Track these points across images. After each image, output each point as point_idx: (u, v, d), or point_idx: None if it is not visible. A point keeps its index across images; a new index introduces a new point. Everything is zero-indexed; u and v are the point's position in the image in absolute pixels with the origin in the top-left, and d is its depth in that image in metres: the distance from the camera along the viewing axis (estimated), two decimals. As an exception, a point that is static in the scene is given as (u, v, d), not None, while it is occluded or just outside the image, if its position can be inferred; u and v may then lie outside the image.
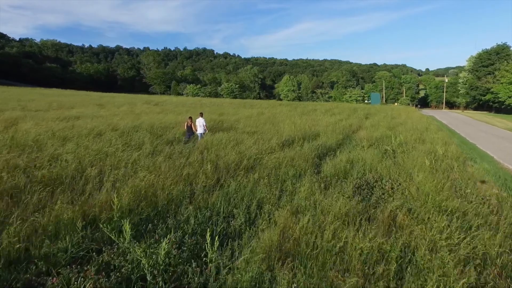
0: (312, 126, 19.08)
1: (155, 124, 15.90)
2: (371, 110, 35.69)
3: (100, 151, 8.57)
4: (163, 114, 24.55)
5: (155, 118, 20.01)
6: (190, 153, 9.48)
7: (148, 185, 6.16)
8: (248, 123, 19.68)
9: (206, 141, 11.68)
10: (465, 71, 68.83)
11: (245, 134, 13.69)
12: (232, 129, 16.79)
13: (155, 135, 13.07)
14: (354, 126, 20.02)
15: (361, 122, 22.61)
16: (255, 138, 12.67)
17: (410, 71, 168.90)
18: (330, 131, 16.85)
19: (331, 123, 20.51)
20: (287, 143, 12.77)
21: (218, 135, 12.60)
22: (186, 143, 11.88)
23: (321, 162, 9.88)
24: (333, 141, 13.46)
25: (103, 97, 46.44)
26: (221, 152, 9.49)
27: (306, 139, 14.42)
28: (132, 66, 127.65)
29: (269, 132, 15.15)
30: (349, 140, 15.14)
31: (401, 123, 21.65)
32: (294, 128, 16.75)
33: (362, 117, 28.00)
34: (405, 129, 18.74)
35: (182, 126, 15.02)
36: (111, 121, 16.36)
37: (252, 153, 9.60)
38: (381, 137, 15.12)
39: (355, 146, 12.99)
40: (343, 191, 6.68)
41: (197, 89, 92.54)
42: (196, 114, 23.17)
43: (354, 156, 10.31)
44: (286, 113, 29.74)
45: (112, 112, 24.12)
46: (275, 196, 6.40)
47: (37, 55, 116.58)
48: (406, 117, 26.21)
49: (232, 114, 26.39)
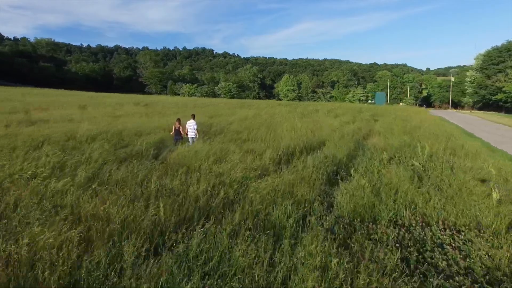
0: (315, 130, 16.37)
1: (127, 130, 13.20)
2: (377, 111, 32.95)
3: (12, 175, 5.88)
4: (147, 116, 21.86)
5: (135, 122, 17.33)
6: (149, 176, 6.77)
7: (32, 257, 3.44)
8: (241, 126, 16.99)
9: (180, 154, 8.98)
10: (472, 69, 65.96)
11: (233, 143, 10.98)
12: (221, 134, 14.11)
13: (119, 145, 10.37)
14: (363, 131, 17.29)
15: (370, 125, 19.88)
16: (245, 150, 9.97)
17: (410, 71, 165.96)
18: (337, 138, 14.14)
19: (336, 127, 17.79)
20: (285, 155, 10.07)
21: (199, 146, 9.89)
22: (175, 144, 11.06)
23: (332, 187, 7.16)
24: (343, 152, 10.74)
25: (92, 97, 43.74)
26: (193, 176, 6.77)
27: (309, 149, 11.72)
28: (129, 66, 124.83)
29: (264, 139, 12.44)
30: (362, 149, 12.43)
31: (416, 126, 18.92)
32: (294, 134, 14.03)
33: (369, 118, 25.29)
34: (424, 134, 16.02)
35: (170, 130, 12.76)
36: (76, 127, 13.65)
37: (236, 176, 6.89)
38: (400, 146, 12.40)
39: (371, 160, 10.28)
40: (376, 257, 3.96)
41: (194, 88, 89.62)
42: (187, 115, 20.76)
43: (376, 177, 7.60)
44: (285, 114, 27.04)
45: (91, 114, 21.44)
46: (262, 268, 3.69)
47: (31, 54, 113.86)
48: (420, 120, 23.44)
49: (225, 116, 23.68)
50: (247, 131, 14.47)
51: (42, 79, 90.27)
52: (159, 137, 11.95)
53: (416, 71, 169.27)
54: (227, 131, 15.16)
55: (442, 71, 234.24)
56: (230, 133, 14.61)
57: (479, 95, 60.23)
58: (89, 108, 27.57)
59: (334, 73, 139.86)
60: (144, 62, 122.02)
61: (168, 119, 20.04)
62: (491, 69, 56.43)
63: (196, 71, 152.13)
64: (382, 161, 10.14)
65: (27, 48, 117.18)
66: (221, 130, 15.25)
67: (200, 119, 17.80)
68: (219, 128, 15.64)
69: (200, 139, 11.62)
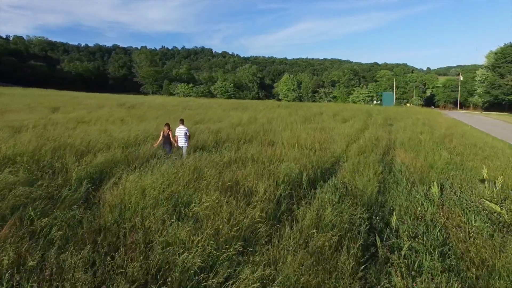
0: (323, 141, 13.00)
1: (75, 145, 9.81)
2: (388, 113, 29.57)
3: None
4: (122, 122, 18.49)
5: (101, 129, 13.95)
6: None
7: None
8: (231, 136, 13.63)
9: (121, 194, 5.63)
10: (482, 68, 62.44)
11: (212, 167, 7.59)
12: (201, 149, 10.74)
13: (42, 171, 7.01)
14: (382, 141, 13.90)
15: (389, 133, 16.50)
16: (227, 181, 6.58)
17: (411, 70, 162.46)
18: (354, 154, 10.78)
19: (349, 136, 14.41)
20: (288, 188, 6.71)
21: (149, 180, 6.42)
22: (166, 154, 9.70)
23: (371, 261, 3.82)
24: (372, 183, 7.37)
25: (74, 98, 40.28)
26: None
27: (319, 172, 8.36)
28: (124, 65, 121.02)
29: (258, 159, 9.06)
30: (390, 170, 9.05)
31: (445, 134, 15.54)
32: (297, 150, 10.65)
33: (383, 123, 21.91)
34: (465, 146, 12.66)
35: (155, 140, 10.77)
36: (8, 137, 10.25)
37: (191, 263, 3.52)
38: (446, 168, 9.05)
39: (412, 193, 6.93)
40: None
41: (189, 88, 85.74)
42: (174, 120, 17.79)
43: (440, 240, 4.29)
44: (285, 117, 23.66)
45: (57, 119, 18.06)
46: None
47: (23, 53, 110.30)
48: (443, 125, 20.01)
49: (215, 121, 20.29)
50: (236, 144, 11.07)
51: (32, 79, 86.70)
52: (111, 156, 8.55)
53: (417, 71, 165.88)
54: (210, 144, 11.80)
55: (442, 70, 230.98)
56: (214, 145, 11.25)
57: (491, 95, 56.70)
58: (61, 110, 24.20)
59: (334, 72, 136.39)
60: (139, 61, 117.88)
61: (146, 125, 16.69)
62: (505, 67, 52.91)
63: (195, 70, 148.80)
64: (431, 197, 6.80)
65: (19, 47, 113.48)
66: (203, 143, 11.87)
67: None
68: (201, 139, 12.24)
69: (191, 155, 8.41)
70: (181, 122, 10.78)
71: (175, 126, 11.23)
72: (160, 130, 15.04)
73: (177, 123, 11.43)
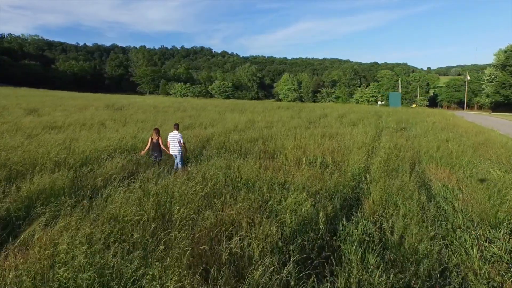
0: (335, 151, 10.63)
1: (19, 157, 7.43)
2: (398, 114, 27.18)
3: None
4: (102, 127, 16.12)
5: (67, 138, 11.57)
6: None
7: None
8: (221, 146, 11.25)
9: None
10: (491, 67, 59.97)
11: (187, 205, 5.21)
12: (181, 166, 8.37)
13: None
14: (406, 152, 11.49)
15: (407, 140, 14.10)
16: (198, 253, 4.23)
17: (411, 70, 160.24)
18: (378, 171, 8.42)
19: (365, 144, 12.03)
20: (299, 245, 4.33)
21: (80, 234, 4.08)
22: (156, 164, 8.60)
23: None
24: (425, 231, 5.01)
25: (61, 98, 37.86)
26: None
27: (340, 209, 6.02)
28: (120, 64, 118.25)
29: (252, 185, 6.70)
30: (436, 203, 6.68)
31: (480, 143, 13.15)
32: (305, 167, 8.27)
33: (396, 127, 19.53)
34: (509, 158, 10.29)
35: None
36: None
37: None
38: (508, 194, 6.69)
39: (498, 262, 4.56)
40: None
41: (186, 88, 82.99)
42: (163, 124, 16.70)
43: None
44: (287, 121, 21.30)
45: (25, 123, 15.69)
46: None
47: (17, 51, 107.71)
48: (471, 130, 17.57)
49: (207, 126, 17.89)
50: (227, 160, 8.66)
51: (24, 78, 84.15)
52: (50, 183, 6.16)
53: (417, 71, 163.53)
54: (194, 156, 9.43)
55: (443, 70, 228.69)
56: (199, 160, 8.87)
57: (502, 95, 54.20)
58: (39, 112, 21.80)
59: (334, 72, 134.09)
60: (136, 60, 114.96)
61: (127, 130, 14.33)
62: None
63: (194, 70, 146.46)
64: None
65: (13, 45, 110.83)
66: (186, 157, 9.50)
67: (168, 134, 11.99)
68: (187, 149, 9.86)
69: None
70: (175, 127, 9.40)
71: (164, 131, 9.04)
72: (148, 136, 12.76)
73: (165, 127, 9.29)
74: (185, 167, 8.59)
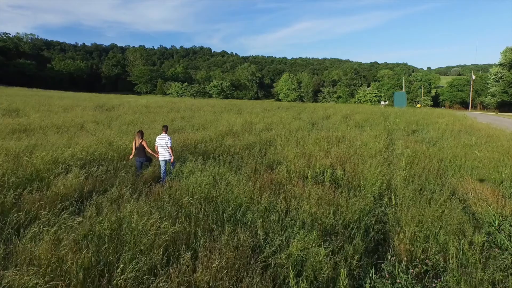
0: (346, 160, 8.89)
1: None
2: (406, 115, 25.40)
3: None
4: (82, 130, 14.37)
5: (34, 145, 9.81)
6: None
7: None
8: (214, 153, 9.50)
9: None
10: (497, 66, 58.16)
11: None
12: (147, 184, 6.61)
13: None
14: (429, 161, 9.74)
15: (422, 144, 12.33)
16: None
17: (411, 70, 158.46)
18: (405, 193, 6.68)
19: (380, 153, 10.29)
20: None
21: None
22: (139, 175, 7.42)
23: None
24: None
25: (52, 97, 36.03)
26: None
27: (364, 256, 4.26)
28: (117, 63, 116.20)
29: (245, 216, 4.97)
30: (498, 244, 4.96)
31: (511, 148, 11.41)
32: (315, 190, 6.51)
33: (407, 129, 17.77)
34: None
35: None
36: None
37: None
38: None
39: None
40: None
41: (183, 88, 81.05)
42: (152, 124, 15.57)
43: None
44: (287, 122, 19.56)
45: None
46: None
47: (11, 50, 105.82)
48: (494, 134, 15.77)
49: (199, 128, 16.15)
50: (212, 178, 6.91)
51: (18, 78, 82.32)
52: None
53: (417, 70, 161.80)
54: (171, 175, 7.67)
55: (443, 70, 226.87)
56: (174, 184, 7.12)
57: (510, 95, 52.30)
58: (20, 113, 20.05)
59: (334, 72, 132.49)
60: (133, 59, 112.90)
61: (109, 134, 12.60)
62: (524, 65, 48.42)
63: (193, 70, 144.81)
64: None
65: (8, 44, 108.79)
66: (153, 173, 7.76)
67: (153, 138, 10.23)
68: (157, 165, 8.11)
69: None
70: (164, 129, 8.33)
71: (150, 135, 7.32)
72: (130, 139, 11.15)
73: (150, 130, 7.76)
74: (164, 182, 6.96)
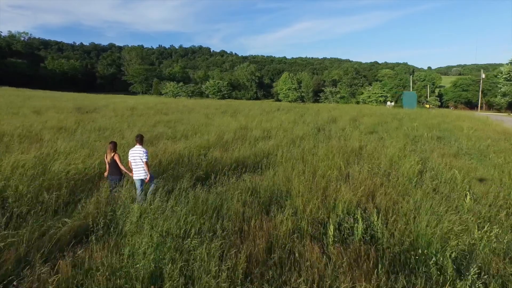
0: (383, 198, 6.15)
1: None
2: (421, 118, 22.66)
3: None
4: (36, 140, 11.59)
5: None
6: None
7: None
8: (192, 170, 6.74)
9: None
10: (508, 64, 55.47)
11: None
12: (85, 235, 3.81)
13: None
14: (484, 187, 7.00)
15: (460, 159, 9.59)
16: None
17: (412, 70, 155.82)
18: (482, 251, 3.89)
19: (413, 173, 7.53)
20: None
21: None
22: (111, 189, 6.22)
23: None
24: None
25: (31, 98, 33.21)
26: None
27: None
28: (113, 63, 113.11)
29: None
30: None
31: None
32: (346, 267, 3.75)
33: (431, 136, 15.02)
34: None
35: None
36: None
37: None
38: None
39: None
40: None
41: (178, 87, 78.02)
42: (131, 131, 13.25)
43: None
44: (289, 127, 16.79)
45: None
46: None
47: (3, 49, 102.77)
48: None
49: (183, 135, 13.34)
50: (183, 230, 4.17)
51: (8, 77, 79.38)
52: None
53: (418, 70, 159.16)
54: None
55: (443, 70, 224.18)
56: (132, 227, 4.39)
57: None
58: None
59: (335, 71, 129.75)
60: (129, 58, 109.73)
61: (66, 146, 9.81)
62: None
63: (192, 69, 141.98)
64: None
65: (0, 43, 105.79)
66: (88, 216, 4.97)
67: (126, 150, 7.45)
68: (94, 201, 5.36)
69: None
70: (138, 140, 6.46)
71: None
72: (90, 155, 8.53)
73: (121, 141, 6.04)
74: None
